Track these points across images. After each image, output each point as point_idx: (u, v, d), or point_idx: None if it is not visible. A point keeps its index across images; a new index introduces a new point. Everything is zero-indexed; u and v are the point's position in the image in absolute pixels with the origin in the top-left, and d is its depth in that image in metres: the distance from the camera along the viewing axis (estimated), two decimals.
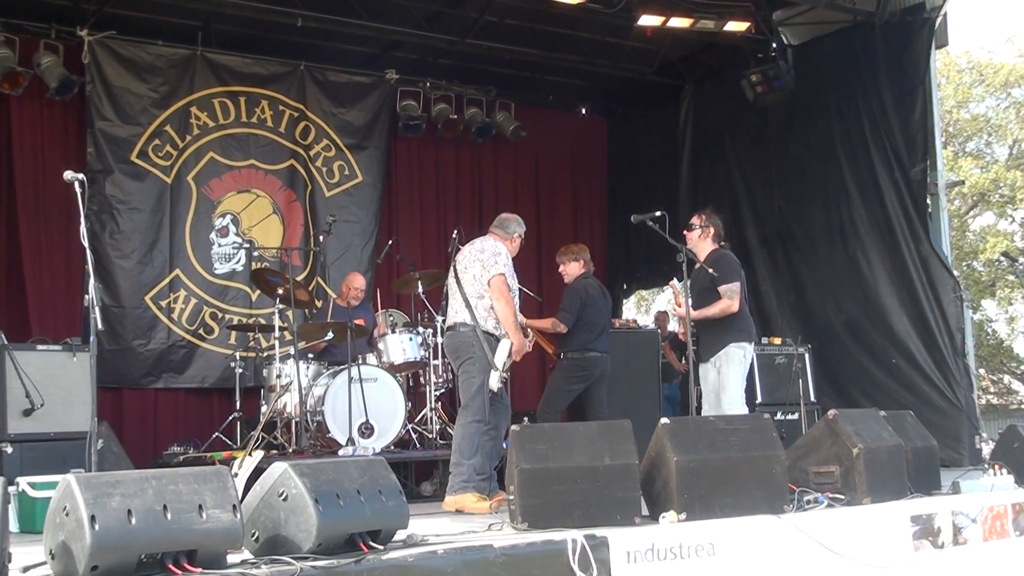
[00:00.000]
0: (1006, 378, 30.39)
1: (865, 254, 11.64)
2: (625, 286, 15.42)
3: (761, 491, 5.77)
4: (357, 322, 9.78)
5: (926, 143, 11.26)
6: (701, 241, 8.37)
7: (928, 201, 11.35)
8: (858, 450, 6.22)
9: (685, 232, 8.39)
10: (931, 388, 10.93)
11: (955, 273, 11.35)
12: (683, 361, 11.76)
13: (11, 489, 6.49)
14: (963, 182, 25.27)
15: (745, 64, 12.55)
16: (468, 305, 7.32)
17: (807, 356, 11.09)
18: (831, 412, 6.55)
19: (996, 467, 6.95)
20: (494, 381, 7.22)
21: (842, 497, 6.18)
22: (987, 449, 10.04)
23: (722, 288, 8.00)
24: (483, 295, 7.33)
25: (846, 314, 11.80)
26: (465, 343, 7.33)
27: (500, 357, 7.25)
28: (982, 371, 27.37)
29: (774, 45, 12.40)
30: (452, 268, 7.63)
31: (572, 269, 9.24)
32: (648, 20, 11.60)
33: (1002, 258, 25.95)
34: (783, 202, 12.68)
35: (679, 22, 11.60)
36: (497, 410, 7.43)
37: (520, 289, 7.76)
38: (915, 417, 7.55)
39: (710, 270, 8.01)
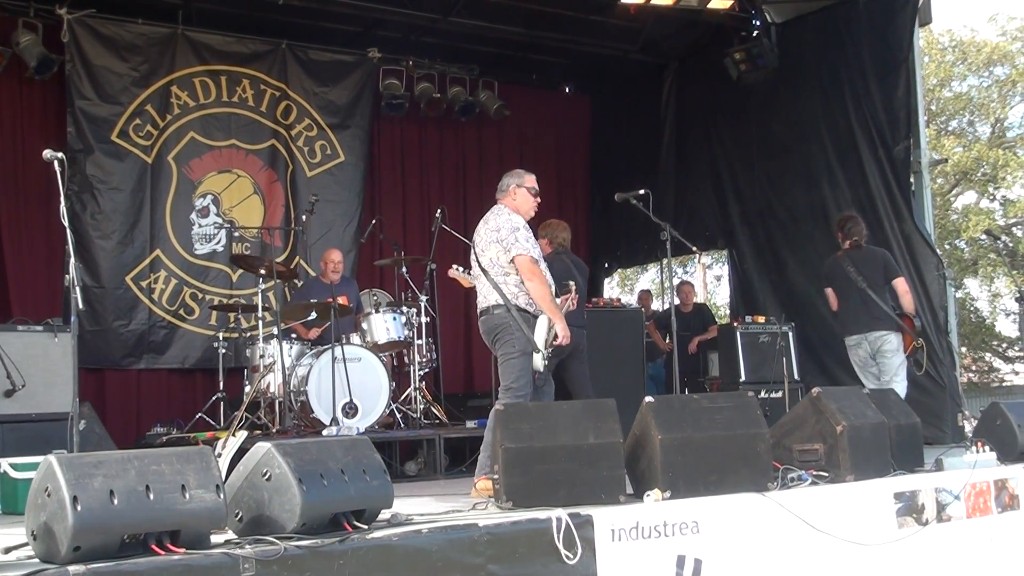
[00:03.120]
0: (988, 356, 30.55)
1: None
2: (606, 264, 15.43)
3: (745, 469, 5.77)
4: (340, 300, 9.74)
5: (909, 121, 11.26)
6: None
7: (911, 179, 11.36)
8: (842, 428, 6.23)
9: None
10: (914, 365, 10.95)
11: (938, 251, 11.36)
12: (667, 340, 11.77)
13: None
14: (946, 160, 25.35)
15: (729, 42, 12.54)
16: (496, 285, 6.92)
17: (791, 334, 11.10)
18: (815, 390, 6.55)
19: (978, 444, 6.97)
20: (538, 362, 6.81)
21: (826, 474, 6.19)
22: (969, 426, 10.08)
23: None
24: (509, 272, 6.91)
25: None
26: (502, 324, 6.91)
27: (540, 335, 6.81)
28: (964, 349, 27.51)
29: (757, 23, 12.39)
30: (472, 252, 7.18)
31: (543, 246, 9.03)
32: None
33: (984, 236, 26.05)
34: (765, 180, 12.69)
35: (662, 0, 11.58)
36: (540, 386, 7.07)
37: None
38: (898, 395, 7.58)
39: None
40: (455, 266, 7.71)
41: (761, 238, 12.72)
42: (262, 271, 9.63)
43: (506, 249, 6.91)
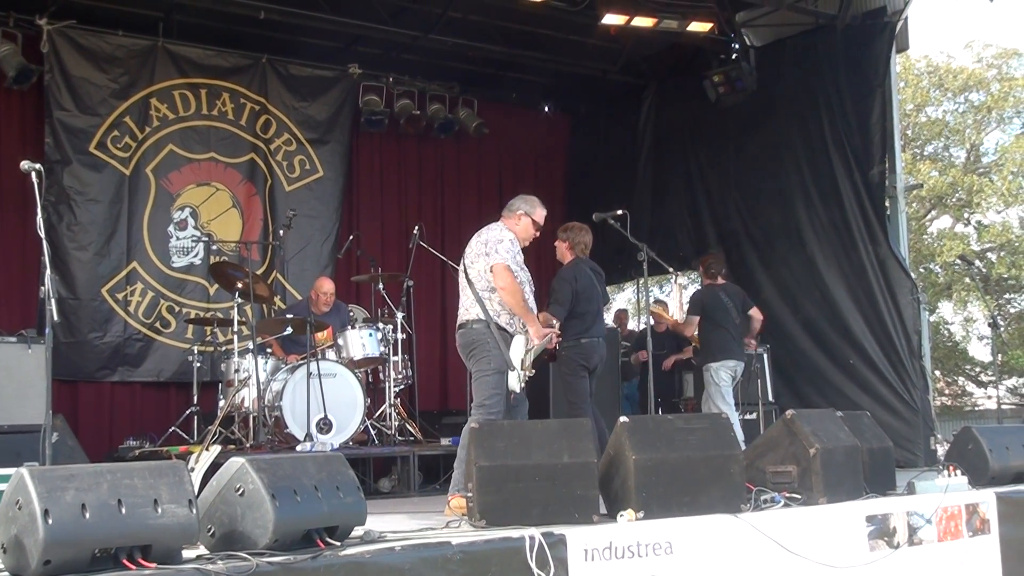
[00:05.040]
0: (961, 380, 30.68)
1: (823, 254, 11.69)
2: None
3: (719, 490, 5.79)
4: (325, 332, 9.76)
5: (884, 145, 11.34)
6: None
7: (887, 203, 11.43)
8: (815, 450, 6.25)
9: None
10: (887, 389, 11.00)
11: (912, 275, 11.42)
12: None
13: None
14: (921, 185, 25.50)
15: (708, 64, 12.59)
16: (479, 300, 6.91)
17: (765, 357, 11.14)
18: (789, 412, 6.58)
19: (950, 468, 7.00)
20: (513, 381, 6.80)
21: (799, 497, 6.20)
22: (942, 450, 10.12)
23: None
24: (493, 289, 6.91)
25: (803, 314, 11.85)
26: (479, 340, 6.89)
27: (516, 354, 6.82)
28: (937, 373, 27.63)
29: (736, 46, 12.45)
30: (461, 263, 7.18)
31: (563, 250, 8.86)
32: (612, 19, 11.62)
33: (959, 261, 26.20)
34: (741, 201, 12.72)
35: (643, 21, 11.63)
36: (514, 405, 7.02)
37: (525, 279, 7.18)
38: (871, 418, 7.61)
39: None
40: None
41: (735, 259, 12.74)
42: (239, 285, 9.59)
43: (488, 257, 6.92)
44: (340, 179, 12.78)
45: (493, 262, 6.89)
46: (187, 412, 10.29)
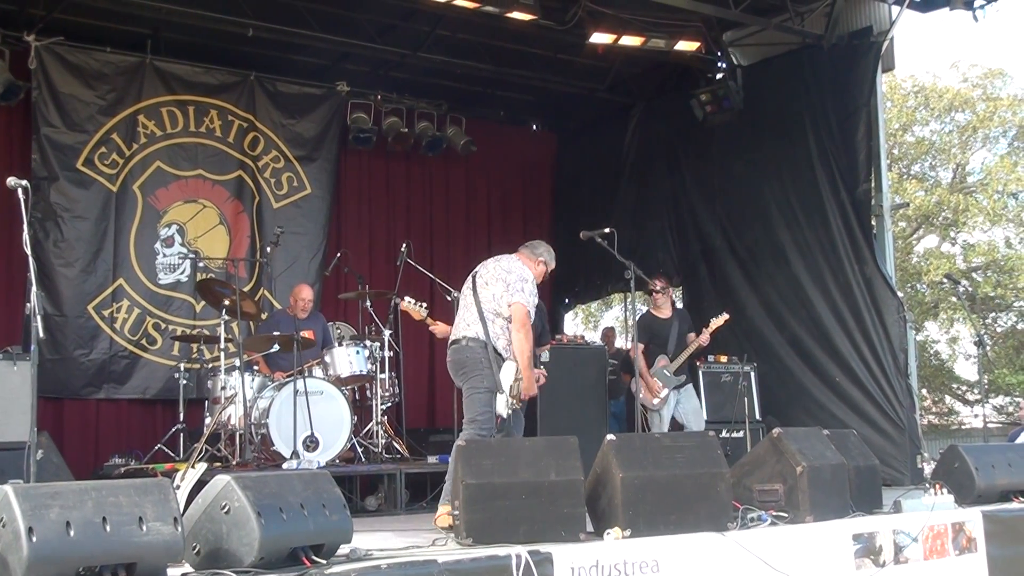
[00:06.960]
0: (947, 399, 30.75)
1: (809, 272, 11.70)
2: (566, 300, 15.43)
3: (705, 508, 5.80)
4: (305, 334, 9.73)
5: (870, 164, 11.37)
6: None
7: (873, 222, 11.46)
8: (801, 468, 6.26)
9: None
10: (874, 407, 11.01)
11: (899, 294, 11.44)
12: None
13: None
14: (908, 204, 25.60)
15: (695, 83, 12.63)
16: (483, 320, 6.93)
17: (752, 374, 11.14)
18: (775, 430, 6.59)
19: (937, 487, 7.03)
20: (501, 405, 6.80)
21: (785, 515, 6.22)
22: (928, 469, 10.15)
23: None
24: (500, 313, 6.95)
25: (789, 332, 11.84)
26: (473, 359, 6.93)
27: (506, 379, 6.84)
28: (924, 391, 27.69)
29: (723, 65, 12.50)
30: (471, 279, 7.20)
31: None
32: (600, 38, 11.64)
33: (945, 280, 26.30)
34: (726, 219, 12.73)
35: (630, 40, 11.65)
36: (511, 425, 7.00)
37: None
38: (858, 436, 7.62)
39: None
40: (407, 298, 7.71)
41: (718, 277, 12.76)
42: (226, 302, 9.57)
43: (509, 290, 6.97)
44: (328, 196, 12.77)
45: (514, 300, 6.95)
46: (173, 429, 10.25)
